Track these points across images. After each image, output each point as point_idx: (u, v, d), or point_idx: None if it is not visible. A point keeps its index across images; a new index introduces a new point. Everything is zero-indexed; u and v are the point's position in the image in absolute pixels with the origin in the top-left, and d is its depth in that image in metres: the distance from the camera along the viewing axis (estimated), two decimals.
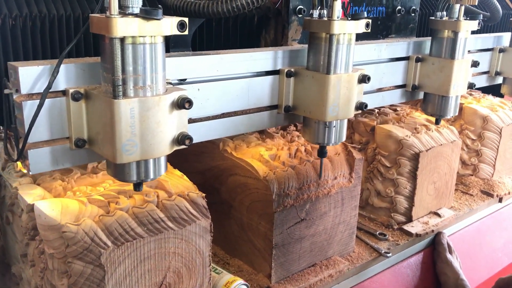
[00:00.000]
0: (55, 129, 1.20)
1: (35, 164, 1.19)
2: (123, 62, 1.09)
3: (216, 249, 1.86)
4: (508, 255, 2.51)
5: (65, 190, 1.35)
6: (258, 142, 1.80)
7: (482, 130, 2.56)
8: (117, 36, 1.05)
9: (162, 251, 1.31)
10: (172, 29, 1.12)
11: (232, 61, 1.51)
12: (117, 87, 1.08)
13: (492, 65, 2.67)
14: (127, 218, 1.25)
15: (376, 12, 2.14)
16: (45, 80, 1.15)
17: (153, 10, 1.07)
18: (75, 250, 1.18)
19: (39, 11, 1.51)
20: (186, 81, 1.41)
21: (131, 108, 1.11)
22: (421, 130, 2.15)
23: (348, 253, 1.92)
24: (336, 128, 1.61)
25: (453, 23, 2.01)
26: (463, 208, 2.41)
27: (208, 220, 1.40)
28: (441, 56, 2.08)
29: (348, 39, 1.52)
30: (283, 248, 1.67)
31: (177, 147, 1.22)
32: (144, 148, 1.15)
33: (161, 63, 1.15)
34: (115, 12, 1.05)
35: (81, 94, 1.18)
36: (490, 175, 2.63)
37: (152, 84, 1.14)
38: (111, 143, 1.12)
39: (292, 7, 1.80)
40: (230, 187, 1.75)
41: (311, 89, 1.57)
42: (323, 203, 1.74)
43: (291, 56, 1.64)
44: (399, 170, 2.08)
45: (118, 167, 1.19)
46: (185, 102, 1.18)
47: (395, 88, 2.12)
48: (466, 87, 2.16)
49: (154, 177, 1.23)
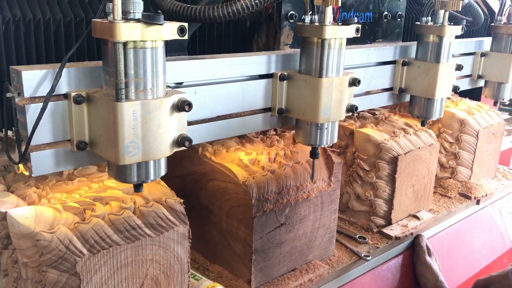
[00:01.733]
0: (57, 131, 1.22)
1: (37, 166, 1.21)
2: (125, 66, 1.12)
3: (195, 255, 1.85)
4: (485, 256, 2.54)
5: (40, 198, 1.32)
6: (237, 147, 1.79)
7: (460, 133, 2.59)
8: (121, 40, 1.08)
9: (139, 259, 1.30)
10: (173, 34, 1.15)
11: (227, 65, 1.55)
12: (120, 90, 1.11)
13: (474, 68, 2.75)
14: (103, 225, 1.23)
15: (363, 18, 2.20)
16: (47, 84, 1.17)
17: (155, 16, 1.10)
18: (49, 259, 1.16)
19: (32, 14, 1.50)
20: (183, 84, 1.44)
21: (133, 111, 1.14)
22: (399, 134, 2.17)
23: (328, 257, 1.92)
24: (328, 129, 1.66)
25: (438, 28, 2.08)
26: (442, 210, 2.43)
27: (186, 226, 1.38)
28: (427, 60, 2.14)
29: (339, 43, 1.57)
30: (263, 253, 1.66)
31: (177, 148, 1.26)
32: (146, 150, 1.18)
33: (161, 67, 1.19)
34: (119, 17, 1.08)
35: (83, 97, 1.21)
36: (468, 177, 2.67)
37: (153, 87, 1.17)
38: (114, 144, 1.15)
39: (284, 13, 1.85)
40: (209, 192, 1.74)
41: (303, 92, 1.62)
42: (303, 207, 1.74)
43: (284, 60, 1.69)
44: (378, 173, 2.09)
45: (120, 169, 1.22)
46: (185, 105, 1.22)
47: (382, 91, 2.18)
48: (450, 90, 2.22)
49: (154, 178, 1.26)
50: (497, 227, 2.69)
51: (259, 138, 1.88)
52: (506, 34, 2.64)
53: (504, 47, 2.67)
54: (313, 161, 1.71)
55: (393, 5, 2.29)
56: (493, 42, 2.72)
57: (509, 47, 2.65)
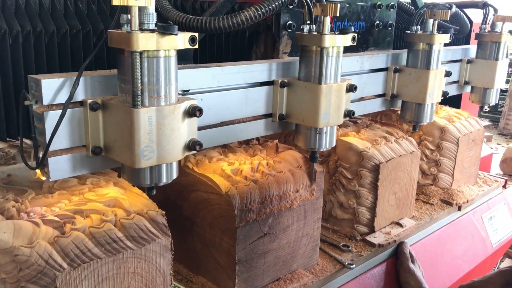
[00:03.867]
0: (73, 137, 1.27)
1: (55, 171, 1.26)
2: (141, 74, 1.17)
3: (179, 267, 1.83)
4: (468, 262, 2.57)
5: (18, 212, 1.30)
6: (220, 157, 1.79)
7: (440, 141, 2.62)
8: (138, 50, 1.14)
9: (120, 272, 1.28)
10: (185, 43, 1.22)
11: (231, 73, 1.61)
12: (136, 97, 1.17)
13: (461, 75, 2.84)
14: (84, 238, 1.22)
15: (356, 27, 2.30)
16: (64, 92, 1.23)
17: (169, 26, 1.16)
18: (28, 274, 1.14)
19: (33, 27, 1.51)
20: (189, 92, 1.50)
21: (149, 116, 1.19)
22: (380, 142, 2.19)
23: (312, 266, 1.92)
24: (327, 134, 1.74)
25: (427, 36, 2.16)
26: (424, 217, 2.46)
27: (169, 238, 1.37)
28: (417, 66, 2.22)
29: (337, 51, 1.65)
30: (247, 264, 1.66)
31: (188, 152, 1.32)
32: (160, 154, 1.24)
33: (174, 74, 1.25)
34: (136, 28, 1.14)
35: (98, 104, 1.27)
36: (449, 184, 2.70)
37: (166, 94, 1.23)
38: (131, 149, 1.21)
39: (283, 23, 1.93)
40: (192, 203, 1.73)
41: (303, 98, 1.69)
42: (286, 216, 1.74)
43: (284, 68, 1.76)
44: (361, 181, 2.10)
45: (135, 172, 1.28)
46: (196, 111, 1.28)
47: (375, 97, 2.27)
48: (440, 95, 2.31)
49: (166, 181, 1.33)
50: (478, 233, 2.72)
51: (242, 148, 1.88)
52: (490, 42, 2.73)
53: (488, 54, 2.76)
54: (312, 164, 1.77)
55: (384, 15, 2.39)
56: (478, 49, 2.81)
57: (493, 54, 2.74)
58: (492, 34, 2.71)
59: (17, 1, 1.51)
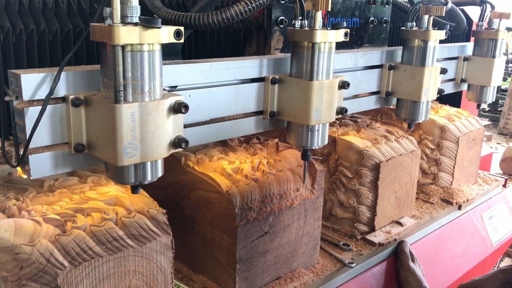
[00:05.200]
0: (55, 134, 1.23)
1: (36, 169, 1.22)
2: (124, 69, 1.14)
3: (179, 266, 1.84)
4: (468, 261, 2.57)
5: (20, 210, 1.30)
6: (220, 156, 1.79)
7: (440, 140, 2.63)
8: (120, 43, 1.11)
9: (121, 270, 1.28)
10: (169, 37, 1.18)
11: (221, 69, 1.57)
12: (118, 92, 1.14)
13: (458, 72, 2.81)
14: (85, 237, 1.22)
15: (350, 23, 2.25)
16: (45, 87, 1.18)
17: (153, 19, 1.12)
18: (29, 272, 1.14)
19: (25, 25, 1.50)
20: (177, 88, 1.46)
21: (132, 112, 1.16)
22: (381, 141, 2.19)
23: (313, 265, 1.92)
24: (319, 131, 1.69)
25: (423, 32, 2.13)
26: (424, 216, 2.46)
27: (169, 236, 1.38)
28: (412, 63, 2.19)
29: (329, 47, 1.61)
30: (247, 262, 1.66)
31: (174, 150, 1.28)
32: (143, 151, 1.20)
33: (158, 69, 1.21)
34: (118, 21, 1.10)
35: (80, 100, 1.23)
36: (449, 183, 2.70)
37: (150, 89, 1.20)
38: (113, 146, 1.17)
39: (275, 18, 1.88)
40: (192, 202, 1.73)
41: (295, 95, 1.65)
42: (286, 215, 1.74)
43: (275, 64, 1.72)
44: (361, 180, 2.11)
45: (118, 170, 1.24)
46: (181, 107, 1.24)
47: (370, 94, 2.23)
48: (436, 93, 2.27)
49: (151, 179, 1.28)
50: (478, 232, 2.72)
51: (242, 147, 1.88)
52: (487, 39, 2.71)
53: (485, 51, 2.73)
54: (304, 163, 1.75)
55: (379, 11, 2.35)
56: (475, 47, 2.79)
57: (490, 52, 2.72)
58: (489, 31, 2.69)
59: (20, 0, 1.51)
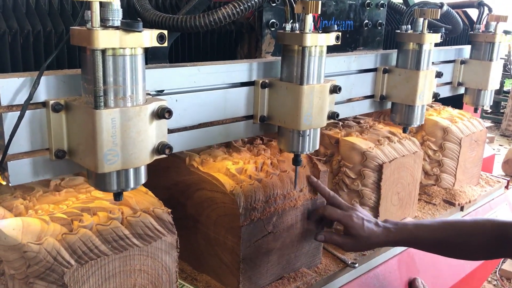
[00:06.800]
0: (35, 140, 1.20)
1: (15, 176, 1.20)
2: (104, 73, 1.11)
3: (183, 265, 1.85)
4: (470, 262, 2.57)
5: (27, 209, 1.32)
6: (224, 156, 1.80)
7: (443, 141, 2.63)
8: (99, 48, 1.08)
9: (127, 269, 1.30)
10: (152, 41, 1.14)
11: (209, 73, 1.54)
12: (98, 97, 1.11)
13: (455, 76, 2.78)
14: (91, 236, 1.23)
15: (344, 26, 2.21)
16: (25, 92, 1.16)
17: (134, 23, 1.10)
18: (37, 270, 1.15)
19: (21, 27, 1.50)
20: (163, 92, 1.44)
21: (112, 118, 1.13)
22: (384, 142, 2.20)
23: (316, 265, 1.93)
24: (310, 136, 1.67)
25: (417, 35, 2.10)
26: (427, 217, 2.47)
27: (174, 236, 1.39)
28: (407, 67, 2.16)
29: (319, 51, 1.58)
30: (251, 262, 1.67)
31: (157, 156, 1.25)
32: (125, 158, 1.17)
33: (141, 74, 1.18)
34: (97, 25, 1.08)
35: (61, 106, 1.20)
36: (452, 184, 2.71)
37: (132, 94, 1.17)
38: (93, 153, 1.14)
39: (265, 21, 1.85)
40: (196, 202, 1.74)
41: (285, 99, 1.63)
42: (290, 215, 1.75)
43: (266, 67, 1.70)
44: (364, 181, 2.12)
45: (99, 177, 1.21)
46: (165, 112, 1.21)
47: (364, 98, 2.20)
48: (431, 97, 2.25)
49: (134, 186, 1.25)
50: None
51: (246, 147, 1.90)
52: (484, 42, 2.69)
53: (482, 54, 2.71)
54: (295, 168, 1.72)
55: (374, 14, 2.32)
56: (472, 50, 2.77)
57: (487, 55, 2.70)
58: (486, 34, 2.67)
59: (28, 1, 1.52)
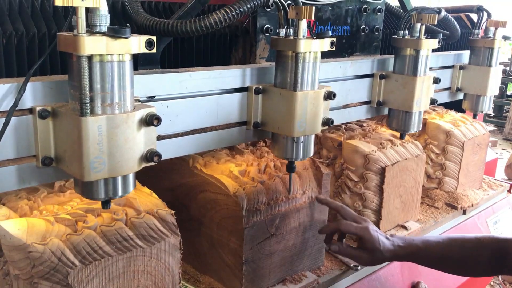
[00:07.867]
0: (21, 147, 1.19)
1: (0, 183, 1.18)
2: (90, 80, 1.09)
3: (186, 267, 1.85)
4: None
5: (31, 210, 1.33)
6: (227, 158, 1.81)
7: (446, 145, 2.64)
8: (85, 54, 1.06)
9: (131, 270, 1.30)
10: (140, 47, 1.12)
11: (201, 78, 1.52)
12: (84, 104, 1.09)
13: (453, 81, 2.77)
14: (95, 236, 1.24)
15: (341, 31, 2.20)
16: (11, 98, 1.14)
17: (120, 29, 1.07)
18: (41, 270, 1.16)
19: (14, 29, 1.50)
20: (154, 98, 1.42)
21: (98, 126, 1.11)
22: (386, 145, 2.21)
23: (318, 267, 1.94)
24: (304, 143, 1.65)
25: (414, 41, 2.09)
26: (429, 220, 2.47)
27: (178, 237, 1.40)
28: (404, 73, 2.15)
29: (313, 57, 1.56)
30: (254, 264, 1.68)
31: (146, 164, 1.23)
32: (112, 165, 1.15)
33: (129, 80, 1.16)
34: (83, 31, 1.05)
35: (48, 112, 1.18)
36: (454, 188, 2.71)
37: (120, 101, 1.14)
38: (79, 160, 1.12)
39: (260, 26, 1.84)
40: (200, 203, 1.75)
41: (279, 105, 1.61)
42: (293, 218, 1.76)
43: (259, 73, 1.68)
44: (366, 184, 2.12)
45: (86, 185, 1.19)
46: (153, 119, 1.19)
47: (360, 104, 2.19)
48: (428, 103, 2.23)
49: (122, 194, 1.23)
50: None
51: (249, 150, 1.90)
52: (483, 47, 2.68)
53: (481, 60, 2.70)
54: (289, 175, 1.71)
55: (371, 19, 2.30)
56: (471, 55, 2.76)
57: (486, 60, 2.69)
58: (485, 40, 2.66)
59: (33, 4, 1.53)
